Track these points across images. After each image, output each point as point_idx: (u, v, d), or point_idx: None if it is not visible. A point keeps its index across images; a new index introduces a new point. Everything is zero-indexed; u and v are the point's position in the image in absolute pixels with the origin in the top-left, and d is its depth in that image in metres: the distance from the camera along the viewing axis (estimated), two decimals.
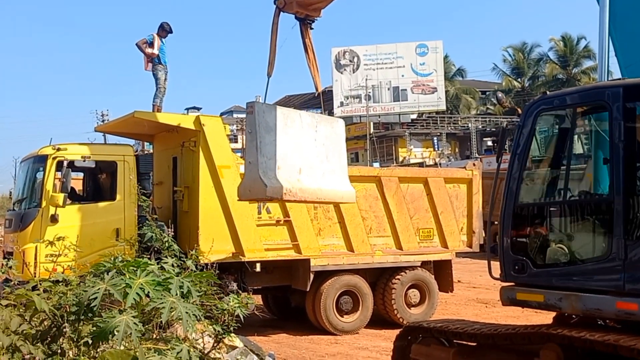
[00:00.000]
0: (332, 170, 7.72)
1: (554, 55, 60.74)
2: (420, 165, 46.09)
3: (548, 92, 6.11)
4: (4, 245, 11.29)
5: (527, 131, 5.78)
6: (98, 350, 3.94)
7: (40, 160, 9.84)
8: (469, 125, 58.70)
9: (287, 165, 7.04)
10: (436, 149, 56.92)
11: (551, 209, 5.89)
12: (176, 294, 4.02)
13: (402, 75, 60.77)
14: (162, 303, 3.89)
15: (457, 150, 60.83)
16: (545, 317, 6.27)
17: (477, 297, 14.48)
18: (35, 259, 8.44)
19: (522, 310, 12.69)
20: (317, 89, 8.17)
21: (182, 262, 5.57)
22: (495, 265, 6.09)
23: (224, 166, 10.08)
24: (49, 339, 4.06)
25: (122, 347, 3.68)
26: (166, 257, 6.60)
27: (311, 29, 7.88)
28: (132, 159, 10.11)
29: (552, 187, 6.11)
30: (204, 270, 6.34)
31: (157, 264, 4.78)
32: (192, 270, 5.15)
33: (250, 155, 6.80)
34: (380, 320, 11.69)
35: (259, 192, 6.71)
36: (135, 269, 4.20)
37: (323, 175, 7.56)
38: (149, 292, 4.02)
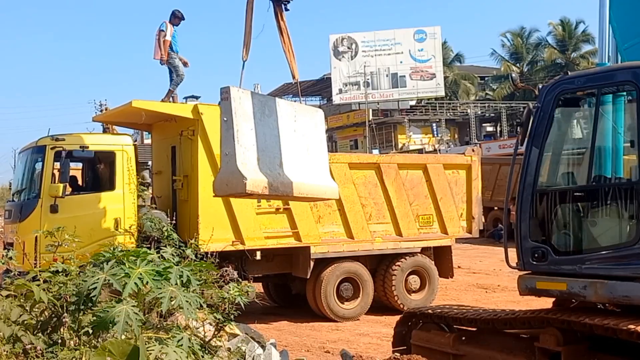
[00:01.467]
0: (313, 163, 7.29)
1: (553, 39, 60.51)
2: (420, 151, 46.04)
3: (569, 72, 5.74)
4: (4, 236, 11.29)
5: (546, 113, 5.49)
6: (98, 339, 3.95)
7: (38, 151, 9.81)
8: (468, 111, 58.61)
9: (266, 157, 6.59)
10: (435, 135, 56.84)
11: (575, 194, 5.59)
12: (176, 283, 4.02)
13: (401, 62, 60.54)
14: (162, 292, 3.89)
15: (456, 136, 60.76)
16: (546, 302, 6.28)
17: (477, 283, 14.54)
18: (36, 249, 8.44)
19: (522, 296, 12.84)
20: (293, 76, 7.82)
21: (182, 252, 5.58)
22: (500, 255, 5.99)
23: None
24: (50, 329, 4.07)
25: (122, 337, 3.69)
26: (165, 246, 6.63)
27: (286, 10, 7.56)
28: (131, 148, 10.09)
29: (574, 171, 5.85)
30: (204, 259, 6.36)
31: (157, 253, 4.79)
32: (191, 259, 5.15)
33: (227, 146, 6.33)
34: (381, 306, 11.74)
35: (237, 186, 6.25)
36: (134, 258, 4.20)
37: (304, 169, 7.12)
38: (148, 281, 4.02)
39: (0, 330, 3.91)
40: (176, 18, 11.04)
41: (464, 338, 6.57)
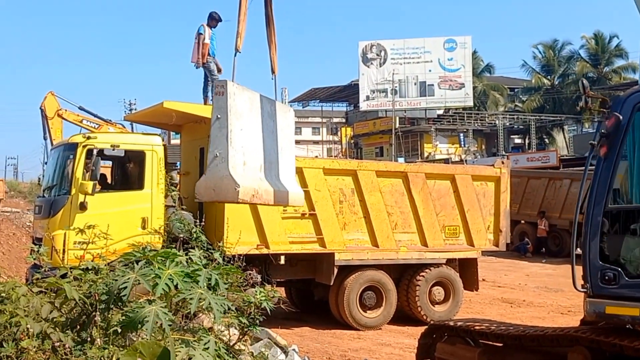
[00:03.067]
0: (285, 168, 6.80)
1: (585, 53, 59.80)
2: (446, 161, 45.79)
3: None
4: (34, 231, 11.42)
5: (622, 127, 5.05)
6: (126, 339, 3.96)
7: (70, 148, 9.91)
8: (497, 122, 58.15)
9: (251, 160, 6.09)
10: (462, 146, 56.48)
11: None
12: (204, 286, 4.01)
13: (430, 70, 60.34)
14: (191, 294, 3.89)
15: (483, 147, 60.31)
16: (572, 319, 6.19)
17: (502, 297, 14.36)
18: (64, 245, 8.52)
19: (547, 312, 12.68)
20: (273, 71, 7.21)
21: (210, 254, 5.58)
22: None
23: None
24: (79, 327, 4.09)
25: (151, 337, 3.69)
26: (193, 248, 6.64)
27: None
28: (161, 148, 10.14)
29: None
30: (230, 262, 6.36)
31: (185, 254, 4.79)
32: (218, 262, 5.14)
33: (218, 146, 5.76)
34: (404, 316, 11.65)
35: (227, 192, 5.71)
36: (163, 259, 4.20)
37: (278, 174, 6.65)
38: (177, 282, 4.02)
39: (29, 327, 3.93)
40: (213, 20, 11.06)
41: (489, 353, 6.47)
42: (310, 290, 12.09)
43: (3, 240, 17.30)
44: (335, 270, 10.85)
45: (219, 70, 10.97)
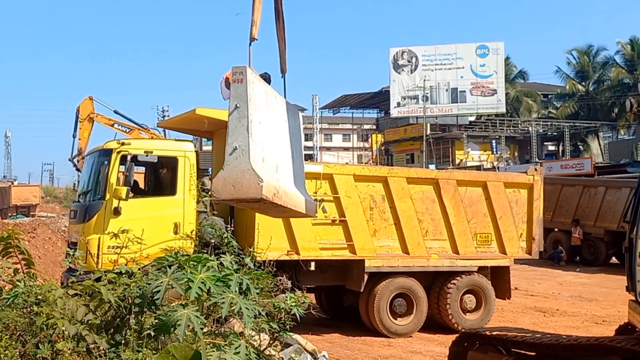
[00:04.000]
0: (298, 173, 6.36)
1: (621, 59, 58.76)
2: (478, 168, 45.41)
3: None
4: (69, 235, 11.62)
5: None
6: (159, 342, 4.01)
7: (105, 154, 10.06)
8: (530, 129, 57.46)
9: (268, 158, 5.60)
10: (494, 152, 55.94)
11: None
12: (236, 291, 4.05)
13: (461, 77, 60.04)
14: (223, 298, 3.92)
15: (516, 154, 59.68)
16: (607, 329, 6.08)
17: (535, 306, 14.15)
18: (99, 249, 8.65)
19: (581, 321, 12.47)
20: (282, 70, 6.80)
21: (241, 259, 5.62)
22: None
23: None
24: (113, 329, 4.16)
25: (183, 341, 3.73)
26: (224, 253, 6.70)
27: None
28: (193, 154, 10.25)
29: None
30: (261, 267, 6.40)
31: (217, 260, 4.84)
32: (249, 267, 5.18)
33: (238, 137, 5.26)
34: (435, 324, 11.55)
35: (249, 188, 5.20)
36: (196, 264, 4.25)
37: (293, 178, 6.23)
38: (209, 287, 4.06)
39: (65, 329, 4.01)
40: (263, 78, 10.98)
41: None
42: (340, 296, 12.07)
43: (39, 245, 17.64)
44: (366, 277, 10.81)
45: None
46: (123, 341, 4.01)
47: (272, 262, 6.96)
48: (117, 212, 9.47)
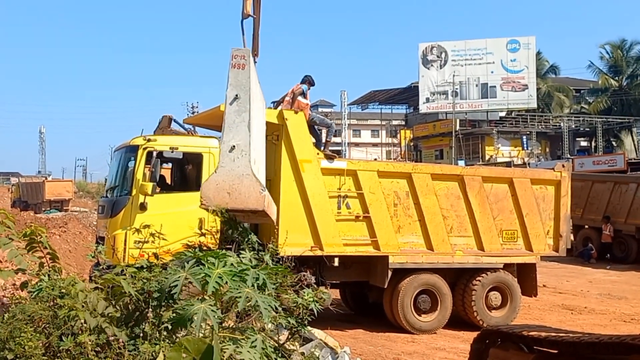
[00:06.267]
0: (262, 176, 5.57)
1: None
2: (508, 164, 44.91)
3: None
4: (97, 230, 11.83)
5: None
6: (177, 335, 4.08)
7: (131, 150, 10.22)
8: (561, 124, 56.64)
9: (257, 158, 4.78)
10: (525, 148, 55.29)
11: None
12: (252, 285, 4.10)
13: (492, 72, 59.44)
14: (239, 293, 3.98)
15: (547, 150, 58.88)
16: (635, 328, 5.99)
17: (563, 303, 13.99)
18: (125, 244, 8.79)
19: (609, 320, 12.29)
20: (255, 52, 5.98)
21: (260, 255, 5.67)
22: None
23: (305, 160, 10.17)
24: (133, 322, 4.24)
25: (200, 334, 3.79)
26: (245, 249, 6.76)
27: None
28: (217, 151, 10.33)
29: None
30: (281, 263, 6.43)
31: (238, 256, 4.89)
32: (267, 263, 5.23)
33: (237, 134, 4.40)
34: (460, 321, 11.49)
35: (248, 197, 4.27)
36: (214, 259, 4.32)
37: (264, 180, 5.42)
38: (227, 281, 4.12)
39: (86, 321, 4.11)
40: (309, 83, 11.01)
41: None
42: (365, 292, 12.08)
43: (70, 239, 18.00)
44: (389, 273, 10.79)
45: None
46: (142, 334, 4.09)
47: (290, 258, 6.97)
48: (143, 207, 9.60)
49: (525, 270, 11.93)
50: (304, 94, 10.65)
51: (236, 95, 4.74)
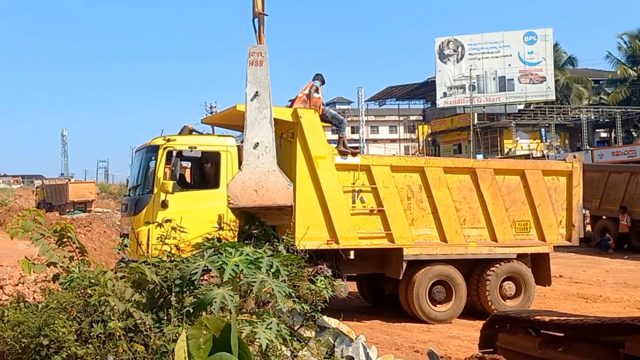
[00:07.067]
0: None
1: None
2: (527, 157, 44.84)
3: None
4: (121, 227, 12.25)
5: None
6: (198, 319, 4.42)
7: (152, 150, 10.60)
8: (580, 116, 56.29)
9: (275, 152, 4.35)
10: (544, 141, 55.09)
11: None
12: (266, 272, 4.42)
13: (509, 65, 59.26)
14: (254, 278, 4.31)
15: (566, 142, 58.59)
16: None
17: (578, 292, 14.14)
18: (148, 240, 9.17)
19: (623, 307, 12.45)
20: (261, 11, 6.02)
21: (275, 247, 6.01)
22: None
23: (319, 157, 10.45)
24: (157, 307, 4.59)
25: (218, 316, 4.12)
26: (261, 241, 7.10)
27: None
28: (235, 149, 10.68)
29: None
30: (295, 254, 6.76)
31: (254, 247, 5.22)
32: (281, 253, 5.55)
33: (260, 131, 4.16)
34: (475, 311, 11.72)
35: (275, 193, 4.04)
36: (230, 249, 4.65)
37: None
38: (242, 269, 4.45)
39: (115, 306, 4.46)
40: (322, 82, 11.33)
41: (550, 343, 6.58)
42: (381, 284, 12.35)
43: (95, 238, 18.51)
44: (404, 265, 11.04)
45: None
46: (166, 318, 4.43)
47: (306, 251, 7.26)
48: (164, 205, 9.98)
49: (538, 260, 12.14)
50: (317, 90, 10.97)
51: (256, 92, 4.70)
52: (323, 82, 11.28)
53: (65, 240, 5.91)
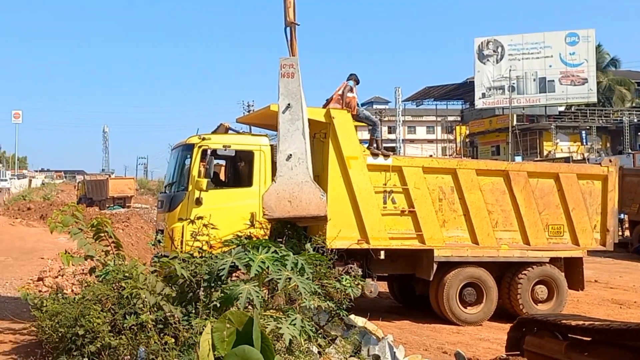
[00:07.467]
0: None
1: None
2: (567, 160, 44.13)
3: None
4: (157, 223, 12.55)
5: None
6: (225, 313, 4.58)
7: (187, 149, 10.84)
8: (623, 118, 55.15)
9: (310, 162, 4.53)
10: (584, 144, 54.10)
11: None
12: (291, 269, 4.56)
13: (550, 66, 58.39)
14: (279, 275, 4.44)
15: (608, 145, 57.44)
16: None
17: (613, 298, 13.95)
18: (182, 236, 9.39)
19: None
20: (293, 21, 5.81)
21: (303, 245, 6.14)
22: None
23: (351, 157, 10.54)
24: (186, 301, 4.77)
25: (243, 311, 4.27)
26: (292, 240, 7.25)
27: None
28: (268, 148, 10.86)
29: None
30: (324, 254, 6.87)
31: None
32: (308, 252, 5.68)
33: (293, 143, 4.30)
34: (506, 314, 11.67)
35: (308, 203, 4.14)
36: (258, 247, 4.80)
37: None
38: (268, 266, 4.60)
39: (146, 299, 4.65)
40: (356, 81, 11.47)
41: (576, 347, 6.57)
42: (411, 285, 12.38)
43: (132, 233, 18.95)
44: (435, 266, 11.05)
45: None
46: (194, 312, 4.60)
47: (334, 250, 7.33)
48: (198, 202, 10.20)
49: (572, 264, 12.02)
50: (351, 90, 11.07)
51: (288, 104, 4.78)
52: (357, 82, 11.37)
53: (101, 234, 6.14)
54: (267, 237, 9.54)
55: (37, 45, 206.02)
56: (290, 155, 4.66)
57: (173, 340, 4.63)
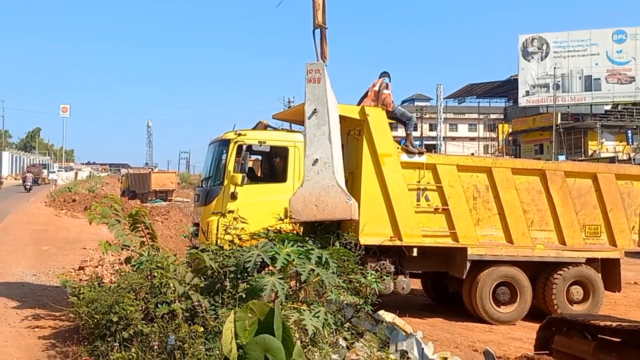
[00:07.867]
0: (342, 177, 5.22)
1: None
2: (612, 160, 43.20)
3: None
4: (193, 216, 12.83)
5: None
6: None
7: (223, 144, 11.07)
8: None
9: (338, 166, 4.58)
10: (630, 143, 52.83)
11: None
12: (315, 263, 4.67)
13: (596, 64, 57.20)
14: (303, 267, 4.57)
15: None
16: None
17: None
18: (217, 229, 9.61)
19: None
20: (322, 24, 5.61)
21: (332, 241, 6.25)
22: None
23: (385, 154, 10.58)
24: (213, 292, 4.94)
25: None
26: (323, 235, 7.36)
27: None
28: (302, 144, 10.98)
29: None
30: (353, 251, 6.97)
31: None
32: (335, 247, 5.78)
33: (319, 148, 4.35)
34: (540, 314, 11.56)
35: (335, 207, 4.20)
36: (283, 240, 4.93)
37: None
38: (294, 259, 4.73)
39: (175, 289, 4.83)
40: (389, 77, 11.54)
41: (605, 347, 6.53)
42: (445, 283, 12.37)
43: (171, 226, 19.35)
44: (468, 265, 11.00)
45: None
46: (220, 302, 4.76)
47: (361, 246, 7.38)
48: (233, 196, 10.40)
49: (609, 265, 11.84)
50: (387, 87, 11.11)
51: (314, 110, 4.81)
52: (389, 77, 11.42)
53: (138, 225, 6.37)
54: (296, 232, 9.75)
55: (86, 40, 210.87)
56: (317, 159, 4.69)
57: (202, 329, 4.80)
